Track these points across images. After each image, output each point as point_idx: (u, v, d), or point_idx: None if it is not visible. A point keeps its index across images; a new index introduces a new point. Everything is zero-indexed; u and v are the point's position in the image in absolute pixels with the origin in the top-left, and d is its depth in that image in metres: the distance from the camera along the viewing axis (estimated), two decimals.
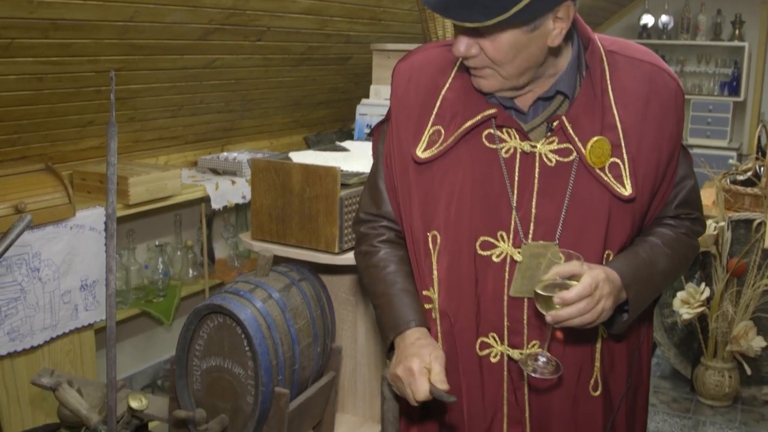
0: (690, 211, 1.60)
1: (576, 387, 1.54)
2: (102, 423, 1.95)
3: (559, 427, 1.56)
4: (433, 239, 1.56)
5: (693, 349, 4.17)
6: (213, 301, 1.94)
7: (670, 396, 4.15)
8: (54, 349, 2.97)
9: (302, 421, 2.10)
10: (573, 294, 1.35)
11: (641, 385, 1.68)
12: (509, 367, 1.53)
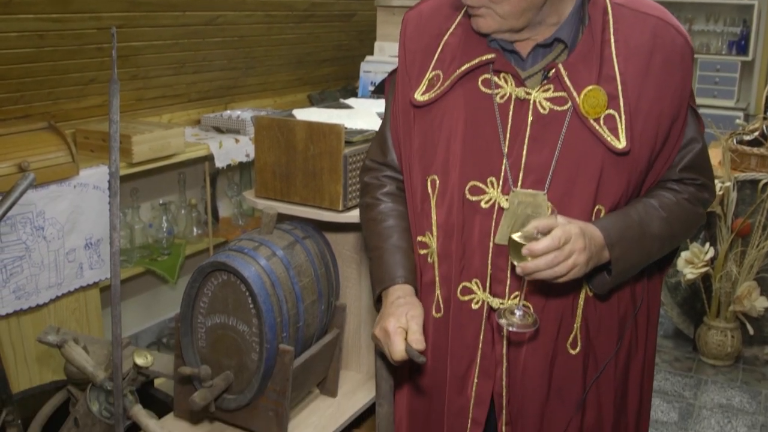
0: (695, 176, 1.56)
1: (554, 343, 1.52)
2: (108, 380, 1.96)
3: (535, 383, 1.54)
4: (432, 183, 1.56)
5: (696, 309, 4.18)
6: (217, 259, 1.94)
7: (672, 355, 4.18)
8: (59, 308, 2.98)
9: (306, 378, 2.11)
10: (541, 246, 1.33)
11: (638, 351, 1.64)
12: (489, 315, 1.52)
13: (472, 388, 1.56)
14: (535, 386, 1.54)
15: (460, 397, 1.58)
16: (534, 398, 1.55)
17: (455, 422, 1.60)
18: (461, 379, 1.58)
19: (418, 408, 1.69)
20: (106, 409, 1.98)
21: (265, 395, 1.99)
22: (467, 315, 1.54)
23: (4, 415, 2.24)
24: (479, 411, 1.57)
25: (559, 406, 1.56)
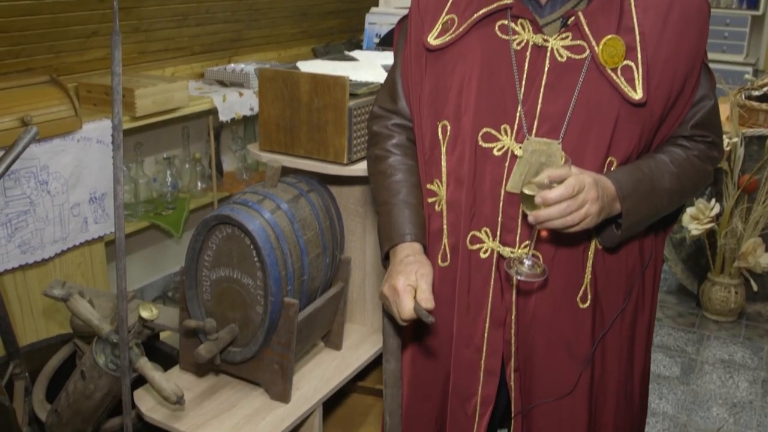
0: (706, 133, 1.56)
1: (563, 295, 1.52)
2: (113, 332, 1.97)
3: (543, 334, 1.55)
4: (443, 129, 1.55)
5: (700, 265, 4.18)
6: (221, 212, 1.93)
7: (675, 311, 4.19)
8: (65, 262, 2.99)
9: (311, 331, 2.12)
10: (554, 194, 1.33)
11: (646, 306, 1.65)
12: (499, 264, 1.52)
13: (484, 339, 1.56)
14: (544, 337, 1.55)
15: (468, 348, 1.59)
16: (542, 348, 1.56)
17: (465, 374, 1.61)
18: (469, 330, 1.58)
19: (422, 362, 1.70)
20: (112, 361, 1.99)
21: (270, 348, 2.00)
22: (476, 264, 1.54)
23: (12, 368, 2.26)
24: (492, 361, 1.57)
25: (568, 360, 1.56)
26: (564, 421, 1.60)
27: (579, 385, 1.57)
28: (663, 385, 3.49)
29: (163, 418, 1.98)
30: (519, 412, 1.60)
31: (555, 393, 1.59)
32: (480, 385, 1.59)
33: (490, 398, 1.59)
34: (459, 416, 1.64)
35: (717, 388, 3.46)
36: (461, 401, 1.63)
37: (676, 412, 3.28)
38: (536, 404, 1.60)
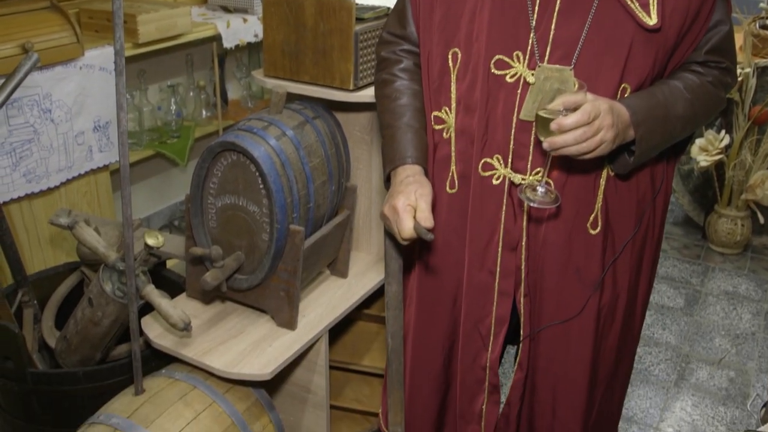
0: (720, 59, 1.53)
1: (574, 222, 1.53)
2: (120, 260, 1.98)
3: (553, 259, 1.57)
4: (453, 56, 1.53)
5: (707, 197, 4.16)
6: (226, 139, 1.91)
7: (681, 242, 4.19)
8: (71, 191, 2.98)
9: (317, 258, 2.12)
10: (570, 120, 1.32)
11: (653, 233, 1.66)
12: (511, 191, 1.53)
13: (497, 262, 1.59)
14: (554, 262, 1.57)
15: (481, 272, 1.62)
16: (552, 273, 1.58)
17: (479, 297, 1.64)
18: (482, 255, 1.60)
19: (430, 286, 1.71)
20: (119, 288, 2.00)
21: (276, 275, 2.00)
22: (488, 190, 1.55)
23: (20, 295, 2.27)
24: (506, 283, 1.61)
25: (577, 285, 1.59)
26: (571, 344, 1.64)
27: (586, 309, 1.59)
28: (666, 315, 3.51)
29: (170, 344, 2.00)
30: (528, 336, 1.63)
31: (563, 317, 1.61)
32: (494, 306, 1.63)
33: (504, 318, 1.63)
34: (473, 337, 1.68)
35: (720, 320, 3.48)
36: (474, 323, 1.66)
37: (678, 343, 3.31)
38: (545, 327, 1.63)
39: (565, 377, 1.68)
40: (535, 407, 1.75)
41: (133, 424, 1.81)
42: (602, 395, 1.75)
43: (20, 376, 2.01)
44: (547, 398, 1.72)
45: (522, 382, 1.69)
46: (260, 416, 1.99)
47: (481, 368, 1.69)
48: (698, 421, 2.85)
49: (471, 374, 1.71)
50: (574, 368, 1.66)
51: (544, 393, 1.72)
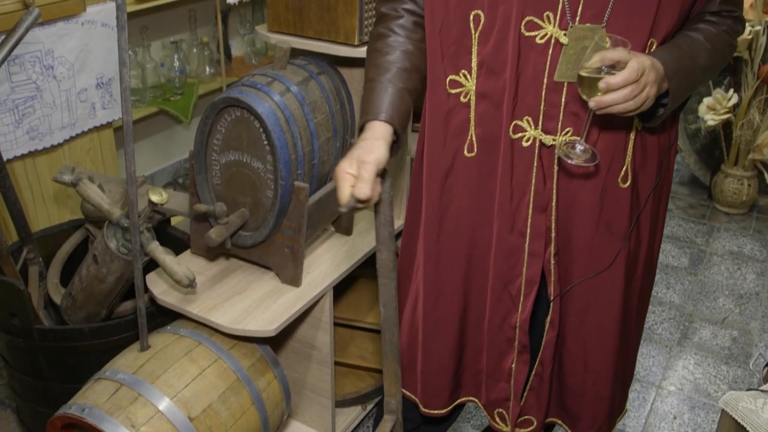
0: (732, 8, 1.54)
1: (606, 177, 1.55)
2: (124, 217, 1.97)
3: (583, 216, 1.58)
4: (475, 18, 1.50)
5: (714, 157, 4.14)
6: (230, 94, 1.89)
7: (687, 202, 4.17)
8: (74, 148, 2.97)
9: (321, 215, 2.11)
10: (619, 79, 1.31)
11: (666, 185, 1.69)
12: (540, 152, 1.54)
13: (527, 224, 1.59)
14: (585, 219, 1.59)
15: (511, 234, 1.62)
16: (583, 230, 1.60)
17: (508, 258, 1.64)
18: (512, 217, 1.61)
19: (441, 249, 1.70)
20: (123, 245, 2.00)
21: (281, 232, 2.00)
22: (518, 153, 1.55)
23: (25, 253, 2.28)
24: (536, 244, 1.61)
25: (608, 239, 1.61)
26: (601, 297, 1.67)
27: (617, 260, 1.62)
28: (671, 275, 3.51)
29: (175, 301, 2.01)
30: (558, 295, 1.65)
31: (593, 271, 1.64)
32: (524, 266, 1.64)
33: (534, 279, 1.64)
34: (503, 298, 1.69)
35: (724, 280, 3.48)
36: (504, 284, 1.67)
37: (682, 302, 3.32)
38: (576, 283, 1.65)
39: (597, 330, 1.71)
40: (565, 364, 1.78)
41: (139, 380, 1.82)
42: (628, 340, 1.79)
43: (26, 333, 2.03)
44: (578, 354, 1.75)
45: (554, 341, 1.71)
46: (265, 372, 2.00)
47: (512, 328, 1.71)
48: (700, 380, 2.87)
49: (501, 334, 1.73)
50: (606, 320, 1.69)
51: (575, 349, 1.74)
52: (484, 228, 1.66)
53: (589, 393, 1.80)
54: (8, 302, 2.01)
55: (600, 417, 1.84)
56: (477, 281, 1.72)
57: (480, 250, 1.68)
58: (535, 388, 1.78)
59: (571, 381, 1.80)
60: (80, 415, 1.75)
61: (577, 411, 1.85)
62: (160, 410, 1.78)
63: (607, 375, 1.77)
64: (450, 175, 1.63)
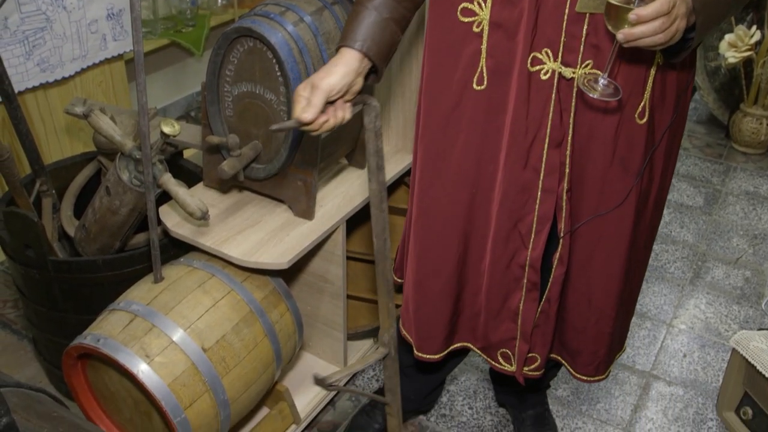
0: None
1: (623, 112, 1.52)
2: (136, 148, 1.96)
3: (599, 151, 1.56)
4: None
5: (733, 95, 4.07)
6: (242, 24, 1.86)
7: (704, 141, 4.13)
8: (85, 81, 2.95)
9: (335, 149, 2.10)
10: (650, 10, 1.26)
11: (681, 124, 1.66)
12: (559, 86, 1.50)
13: (542, 159, 1.56)
14: (599, 154, 1.56)
15: (525, 170, 1.59)
16: (597, 166, 1.57)
17: (520, 196, 1.62)
18: (526, 152, 1.57)
19: (442, 190, 1.68)
20: (135, 177, 1.99)
21: (294, 165, 1.99)
22: (535, 86, 1.51)
23: (38, 185, 2.27)
24: (550, 180, 1.59)
25: (621, 175, 1.59)
26: (610, 234, 1.65)
27: (628, 198, 1.60)
28: (685, 214, 3.49)
29: (188, 233, 2.01)
30: (568, 232, 1.63)
31: (604, 208, 1.62)
32: (537, 203, 1.62)
33: (547, 216, 1.62)
34: (512, 236, 1.67)
35: (739, 220, 3.46)
36: (514, 222, 1.65)
37: (696, 241, 3.30)
38: (588, 219, 1.63)
39: (603, 267, 1.70)
40: (571, 300, 1.78)
41: (153, 311, 1.83)
42: (632, 278, 1.79)
43: (41, 264, 2.04)
44: (583, 290, 1.74)
45: (562, 278, 1.70)
46: (278, 304, 2.01)
47: (520, 267, 1.70)
48: (711, 319, 2.87)
49: (508, 274, 1.72)
50: (613, 257, 1.68)
51: (580, 286, 1.74)
52: (488, 165, 1.63)
53: (592, 330, 1.80)
54: (22, 234, 2.01)
55: (600, 353, 1.85)
56: (478, 221, 1.70)
57: (483, 188, 1.66)
58: (540, 326, 1.77)
59: (574, 317, 1.80)
60: (95, 345, 1.77)
61: (578, 347, 1.85)
62: (174, 341, 1.79)
63: (611, 312, 1.77)
64: (456, 110, 1.60)
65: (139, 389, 1.80)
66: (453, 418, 2.43)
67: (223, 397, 1.85)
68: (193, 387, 1.79)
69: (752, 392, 2.16)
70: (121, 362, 1.74)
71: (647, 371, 2.64)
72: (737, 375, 2.19)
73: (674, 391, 2.56)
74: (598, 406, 2.49)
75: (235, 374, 1.87)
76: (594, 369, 1.88)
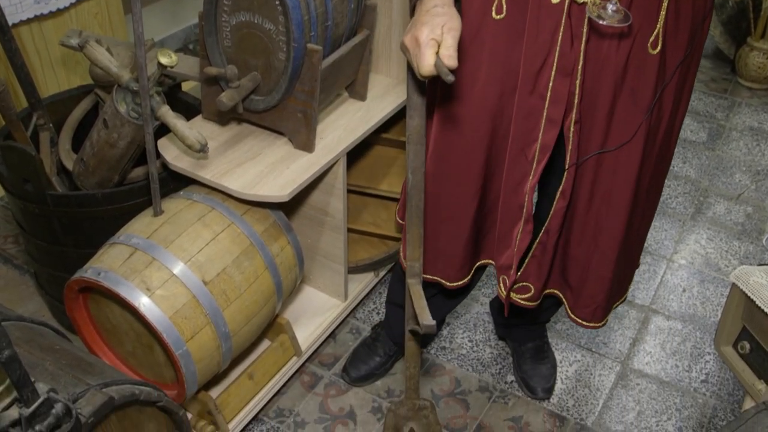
0: None
1: (635, 40, 1.48)
2: (133, 80, 1.93)
3: (609, 82, 1.52)
4: None
5: (740, 29, 4.00)
6: None
7: (709, 75, 4.07)
8: (81, 12, 2.89)
9: (335, 79, 2.06)
10: None
11: (695, 60, 1.61)
12: (570, 10, 1.45)
13: (548, 87, 1.54)
14: (610, 84, 1.53)
15: (531, 96, 1.57)
16: (607, 96, 1.54)
17: (527, 122, 1.60)
18: (534, 79, 1.55)
19: (463, 114, 1.65)
20: (133, 109, 1.96)
21: (294, 96, 1.96)
22: (546, 11, 1.47)
23: (36, 119, 2.25)
24: (555, 110, 1.56)
25: (631, 108, 1.55)
26: (618, 170, 1.63)
27: (637, 134, 1.57)
28: (688, 149, 3.46)
29: (187, 166, 1.99)
30: (574, 164, 1.61)
31: (612, 143, 1.59)
32: (540, 132, 1.59)
33: (548, 146, 1.60)
34: (520, 161, 1.66)
35: (742, 156, 3.43)
36: (521, 147, 1.64)
37: (698, 177, 3.28)
38: (595, 153, 1.61)
39: (609, 203, 1.68)
40: (572, 236, 1.76)
41: (153, 244, 1.83)
42: (636, 222, 1.76)
43: (40, 199, 2.02)
44: (588, 226, 1.73)
45: (563, 211, 1.68)
46: (278, 237, 2.01)
47: (525, 193, 1.68)
48: (712, 254, 2.87)
49: (515, 199, 1.71)
50: (617, 194, 1.66)
51: (584, 221, 1.73)
52: (510, 95, 1.60)
53: (592, 271, 1.79)
54: (21, 168, 2.00)
55: (598, 298, 1.84)
56: (501, 150, 1.68)
57: (506, 117, 1.63)
58: (537, 257, 1.77)
59: (576, 254, 1.79)
60: (96, 278, 1.77)
61: (578, 286, 1.85)
62: (175, 274, 1.79)
63: (610, 254, 1.75)
64: (475, 40, 1.56)
65: (141, 322, 1.81)
66: (453, 350, 2.45)
67: (224, 330, 1.85)
68: (194, 320, 1.79)
69: (750, 327, 2.17)
70: (123, 295, 1.74)
71: (646, 305, 2.65)
72: (736, 310, 2.19)
73: (673, 326, 2.57)
74: (597, 339, 2.51)
75: (236, 307, 1.88)
76: (591, 313, 1.87)
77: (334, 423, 2.22)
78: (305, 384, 2.33)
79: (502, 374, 2.38)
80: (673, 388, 2.36)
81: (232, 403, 2.05)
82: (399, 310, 2.10)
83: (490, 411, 2.27)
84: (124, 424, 1.58)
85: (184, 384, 1.82)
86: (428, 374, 2.37)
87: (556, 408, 2.29)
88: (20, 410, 1.29)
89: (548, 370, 2.32)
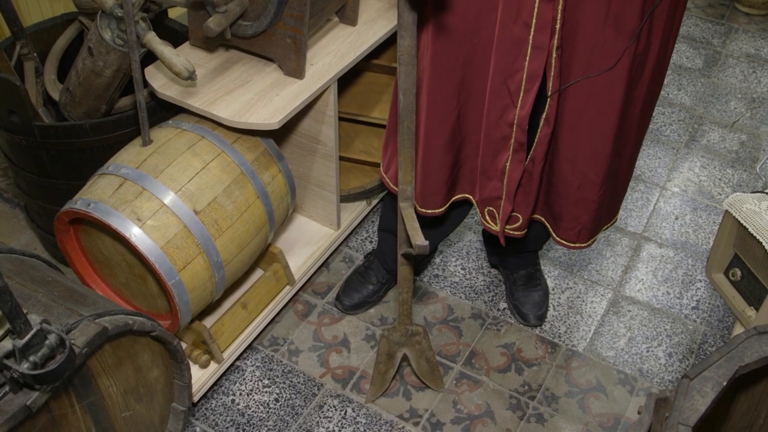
0: None
1: None
2: (118, 6, 1.88)
3: (592, 8, 1.49)
4: None
5: None
6: None
7: (706, 1, 4.01)
8: None
9: (325, 4, 2.02)
10: None
11: None
12: None
13: (533, 14, 1.50)
14: (592, 10, 1.49)
15: (515, 24, 1.54)
16: (589, 23, 1.51)
17: (510, 51, 1.57)
18: (517, 6, 1.51)
19: (447, 40, 1.62)
20: (118, 36, 1.92)
21: (282, 21, 1.91)
22: None
23: (19, 48, 2.20)
24: (541, 36, 1.53)
25: (614, 35, 1.52)
26: (602, 97, 1.61)
27: (621, 61, 1.54)
28: (683, 76, 3.42)
29: (175, 94, 1.96)
30: (557, 91, 1.59)
31: (595, 69, 1.57)
32: (527, 60, 1.57)
33: (537, 73, 1.58)
34: (501, 93, 1.64)
35: (738, 83, 3.40)
36: (503, 78, 1.61)
37: (693, 104, 3.26)
38: (577, 80, 1.59)
39: (591, 132, 1.66)
40: (556, 163, 1.75)
41: (143, 174, 1.81)
42: (624, 147, 1.75)
43: (27, 130, 1.99)
44: (569, 154, 1.72)
45: (548, 138, 1.67)
46: (269, 166, 1.99)
47: (508, 125, 1.66)
48: (705, 182, 2.87)
49: (496, 130, 1.69)
50: (603, 121, 1.64)
51: (566, 149, 1.71)
52: (487, 18, 1.57)
53: (574, 195, 1.79)
54: (5, 99, 1.96)
55: (583, 219, 1.84)
56: (478, 75, 1.66)
57: (482, 42, 1.60)
58: (524, 185, 1.76)
59: (558, 180, 1.78)
60: (86, 209, 1.75)
61: (560, 210, 1.84)
62: (166, 204, 1.78)
63: (595, 179, 1.74)
64: None
65: (133, 253, 1.80)
66: (446, 278, 2.46)
67: (216, 259, 1.85)
68: (186, 249, 1.78)
69: (742, 254, 2.18)
70: (113, 226, 1.73)
71: (639, 233, 2.65)
72: (728, 237, 2.20)
73: (665, 253, 2.58)
74: (590, 266, 2.52)
75: (228, 236, 1.87)
76: (575, 235, 1.87)
77: (328, 351, 2.24)
78: (299, 313, 2.34)
79: (495, 301, 2.40)
80: (664, 315, 2.38)
81: (227, 332, 2.06)
82: (391, 237, 2.10)
83: (483, 338, 2.29)
84: (118, 354, 1.59)
85: (177, 314, 1.82)
86: (421, 302, 2.38)
87: (548, 335, 2.31)
88: (14, 341, 1.30)
89: (540, 297, 2.34)
